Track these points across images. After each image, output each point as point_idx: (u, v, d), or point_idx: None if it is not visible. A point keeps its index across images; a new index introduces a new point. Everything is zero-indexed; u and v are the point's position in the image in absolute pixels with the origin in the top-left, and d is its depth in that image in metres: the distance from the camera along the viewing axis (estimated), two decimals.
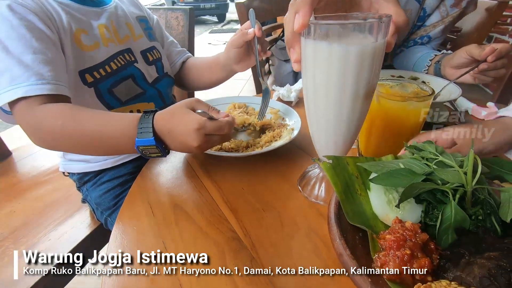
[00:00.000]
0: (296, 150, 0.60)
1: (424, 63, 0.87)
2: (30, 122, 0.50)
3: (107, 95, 0.63)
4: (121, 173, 0.69)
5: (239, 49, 0.65)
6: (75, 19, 0.60)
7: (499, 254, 0.26)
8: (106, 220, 0.68)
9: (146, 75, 0.70)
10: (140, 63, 0.70)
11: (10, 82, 0.49)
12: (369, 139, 0.54)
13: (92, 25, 0.63)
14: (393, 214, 0.33)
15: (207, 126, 0.46)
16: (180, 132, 0.46)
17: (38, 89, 0.49)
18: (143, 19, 0.77)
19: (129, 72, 0.66)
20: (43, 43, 0.52)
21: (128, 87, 0.66)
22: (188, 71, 0.84)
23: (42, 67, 0.50)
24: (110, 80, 0.63)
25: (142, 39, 0.73)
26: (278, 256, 0.38)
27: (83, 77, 0.60)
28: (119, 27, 0.68)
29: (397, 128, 0.50)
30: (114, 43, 0.65)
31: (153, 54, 0.74)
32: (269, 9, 1.41)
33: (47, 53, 0.51)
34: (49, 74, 0.50)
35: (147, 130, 0.46)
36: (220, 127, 0.47)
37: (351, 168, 0.38)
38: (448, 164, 0.33)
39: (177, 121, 0.46)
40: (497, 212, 0.31)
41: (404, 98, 0.47)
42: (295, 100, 0.81)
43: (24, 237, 0.72)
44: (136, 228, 0.44)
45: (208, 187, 0.52)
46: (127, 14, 0.72)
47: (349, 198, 0.35)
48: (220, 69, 0.75)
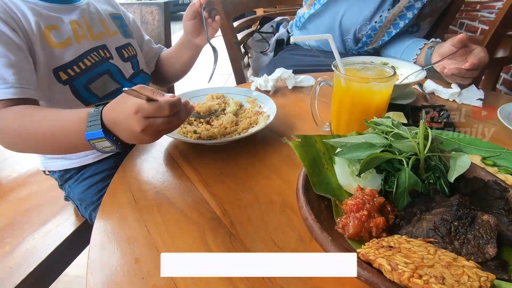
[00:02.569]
0: (272, 135, 0.63)
1: (414, 51, 0.91)
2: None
3: (84, 91, 0.63)
4: (103, 168, 0.69)
5: (193, 21, 0.72)
6: (43, 17, 0.59)
7: (444, 209, 0.30)
8: (90, 215, 0.69)
9: (123, 71, 0.71)
10: (115, 59, 0.70)
11: None
12: (339, 120, 0.57)
13: (63, 20, 0.62)
14: (356, 184, 0.36)
15: (145, 108, 0.42)
16: (123, 120, 0.44)
17: (0, 94, 0.49)
18: (117, 16, 0.77)
19: (104, 68, 0.67)
20: (6, 46, 0.51)
21: (105, 82, 0.66)
22: (161, 63, 0.87)
23: (5, 70, 0.50)
24: (86, 76, 0.63)
25: (117, 36, 0.73)
26: (255, 232, 0.41)
27: (57, 75, 0.59)
28: (93, 23, 0.68)
29: (363, 108, 0.53)
30: (88, 39, 0.65)
31: (128, 51, 0.74)
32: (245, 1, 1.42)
33: (10, 56, 0.51)
34: (12, 77, 0.50)
35: (96, 123, 0.44)
36: (159, 107, 0.42)
37: (319, 145, 0.40)
38: (403, 136, 0.37)
39: (119, 109, 0.44)
40: (446, 175, 0.35)
41: (368, 80, 0.50)
42: (272, 89, 0.83)
43: (9, 237, 0.72)
44: (119, 215, 0.46)
45: (189, 173, 0.53)
46: (100, 11, 0.71)
47: (316, 171, 0.38)
48: (184, 48, 0.80)
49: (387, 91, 0.51)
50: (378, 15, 0.96)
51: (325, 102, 0.69)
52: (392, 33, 0.98)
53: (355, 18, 0.99)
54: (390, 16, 0.95)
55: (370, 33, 1.00)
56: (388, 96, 0.52)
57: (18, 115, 0.49)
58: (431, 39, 0.89)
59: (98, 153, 0.68)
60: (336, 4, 1.00)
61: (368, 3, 0.96)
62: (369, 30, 0.99)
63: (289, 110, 0.73)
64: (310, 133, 0.64)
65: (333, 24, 1.03)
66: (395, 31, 0.98)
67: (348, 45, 1.07)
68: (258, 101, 0.71)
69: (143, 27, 1.01)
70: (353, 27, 1.01)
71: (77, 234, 0.74)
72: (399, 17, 0.96)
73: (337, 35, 1.04)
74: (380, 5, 0.95)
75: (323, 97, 0.62)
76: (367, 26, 0.99)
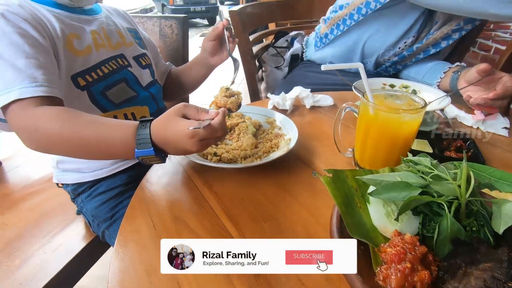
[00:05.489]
0: (294, 160, 0.61)
1: (437, 74, 0.89)
2: (25, 124, 0.49)
3: (101, 97, 0.64)
4: (116, 183, 0.68)
5: (212, 42, 0.75)
6: (67, 25, 0.61)
7: (493, 265, 0.28)
8: (103, 232, 0.68)
9: (139, 79, 0.72)
10: (133, 67, 0.71)
11: (4, 86, 0.49)
12: (363, 148, 0.55)
13: (84, 29, 0.64)
14: (392, 227, 0.34)
15: (200, 133, 0.46)
16: (176, 141, 0.47)
17: (32, 91, 0.49)
18: (132, 29, 0.79)
19: (122, 76, 0.68)
20: (35, 49, 0.52)
21: (121, 90, 0.67)
22: (171, 79, 0.89)
23: (35, 70, 0.50)
24: (103, 83, 0.64)
25: (133, 46, 0.74)
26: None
27: (75, 81, 0.60)
28: (111, 34, 0.69)
29: (391, 139, 0.51)
30: (106, 48, 0.67)
31: (145, 60, 0.76)
32: (261, 15, 1.42)
33: (39, 58, 0.52)
34: (42, 77, 0.51)
35: (146, 141, 0.47)
36: (213, 130, 0.47)
37: (350, 181, 0.39)
38: (442, 177, 0.35)
39: (171, 131, 0.47)
40: (490, 223, 0.33)
41: (398, 110, 0.48)
42: (290, 109, 0.82)
43: (18, 250, 0.71)
44: (137, 241, 0.44)
45: (208, 198, 0.52)
46: (117, 23, 0.74)
47: (350, 210, 0.36)
48: (198, 66, 0.83)
49: (417, 122, 0.50)
50: (403, 41, 0.95)
51: (345, 124, 0.67)
52: (419, 58, 0.96)
53: (379, 44, 0.98)
54: (423, 46, 0.94)
55: (396, 59, 0.99)
56: (417, 127, 0.51)
57: (59, 117, 0.48)
58: (456, 63, 0.87)
59: (112, 168, 0.68)
60: (360, 27, 0.99)
61: (394, 30, 0.95)
62: (392, 56, 0.98)
63: (308, 131, 0.72)
64: (331, 158, 0.63)
65: (354, 47, 1.02)
66: (423, 56, 0.96)
67: (367, 67, 1.06)
68: (277, 123, 0.70)
69: (161, 40, 1.01)
70: (376, 52, 0.99)
71: (88, 249, 0.73)
72: (432, 46, 0.94)
73: (357, 57, 1.03)
74: (406, 33, 0.94)
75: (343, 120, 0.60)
76: (390, 52, 0.98)
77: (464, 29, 0.91)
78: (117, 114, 0.66)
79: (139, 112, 0.70)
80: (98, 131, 0.49)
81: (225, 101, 0.57)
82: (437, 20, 0.92)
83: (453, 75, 0.85)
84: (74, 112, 0.50)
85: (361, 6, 0.96)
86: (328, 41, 1.11)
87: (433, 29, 0.93)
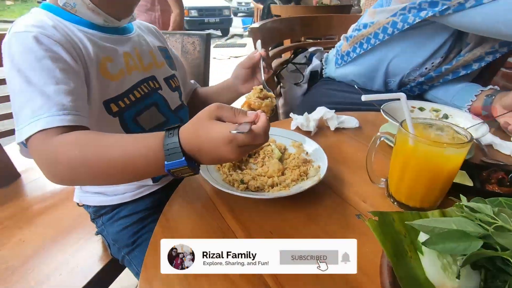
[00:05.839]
0: (323, 188, 0.58)
1: (468, 97, 0.86)
2: (45, 154, 0.46)
3: (132, 123, 0.62)
4: (139, 208, 0.67)
5: (246, 70, 0.74)
6: (101, 48, 0.59)
7: None
8: (123, 257, 0.66)
9: (169, 102, 0.70)
10: (164, 89, 0.70)
11: (32, 114, 0.46)
12: (400, 181, 0.52)
13: (117, 51, 0.62)
14: (450, 283, 0.31)
15: (239, 138, 0.40)
16: (210, 149, 0.41)
17: (58, 121, 0.46)
18: (163, 48, 0.77)
19: (153, 100, 0.66)
20: (66, 74, 0.50)
21: (152, 115, 0.65)
22: (196, 99, 0.87)
23: (63, 97, 0.48)
24: (135, 108, 0.62)
25: (164, 67, 0.73)
26: None
27: (108, 107, 0.58)
28: (143, 55, 0.68)
29: (432, 173, 0.48)
30: (138, 70, 0.65)
31: (174, 82, 0.74)
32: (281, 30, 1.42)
33: (69, 83, 0.50)
34: (70, 104, 0.48)
35: (176, 151, 0.41)
36: (255, 137, 0.40)
37: (398, 225, 0.36)
38: (506, 228, 0.31)
39: (204, 136, 0.41)
40: None
41: (442, 144, 0.45)
42: (314, 130, 0.79)
43: (34, 269, 0.69)
44: (164, 280, 0.42)
45: (235, 229, 0.49)
46: (149, 43, 0.72)
47: (400, 261, 0.33)
48: (227, 91, 0.81)
49: (462, 156, 0.46)
50: (430, 62, 0.92)
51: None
52: (448, 79, 0.93)
53: (405, 64, 0.95)
54: (453, 67, 0.91)
55: (422, 80, 0.96)
56: (461, 162, 0.47)
57: (78, 141, 0.45)
58: (489, 86, 0.84)
59: (136, 192, 0.66)
60: (385, 46, 0.97)
61: (421, 51, 0.92)
62: (418, 76, 0.95)
63: (334, 155, 0.69)
64: (362, 187, 0.60)
65: (378, 66, 1.00)
66: (451, 78, 0.93)
67: (390, 86, 1.03)
68: (304, 146, 0.67)
69: (183, 56, 1.01)
70: (401, 72, 0.97)
71: (104, 271, 0.71)
72: (463, 67, 0.91)
73: (380, 75, 1.01)
74: (434, 54, 0.91)
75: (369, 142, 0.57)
76: (416, 72, 0.95)
77: (499, 52, 0.87)
78: None
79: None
80: (123, 150, 0.44)
81: (259, 102, 0.53)
82: (469, 42, 0.89)
83: (486, 99, 0.81)
84: (93, 134, 0.47)
85: (387, 26, 0.94)
86: (350, 59, 1.09)
87: (464, 51, 0.90)
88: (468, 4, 0.75)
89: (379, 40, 0.97)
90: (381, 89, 1.06)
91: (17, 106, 0.48)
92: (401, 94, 0.48)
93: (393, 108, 0.75)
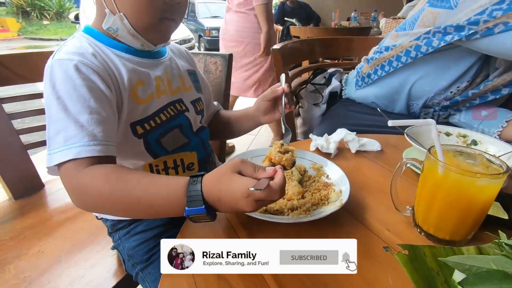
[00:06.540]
0: (344, 214, 0.56)
1: (498, 122, 0.83)
2: (76, 184, 0.49)
3: (155, 145, 0.63)
4: (155, 224, 0.67)
5: (268, 102, 0.74)
6: (135, 73, 0.60)
7: None
8: (137, 274, 0.65)
9: (193, 124, 0.71)
10: (191, 112, 0.71)
11: (64, 142, 0.49)
12: (428, 211, 0.49)
13: (150, 76, 0.63)
14: None
15: (257, 194, 0.43)
16: (229, 200, 0.44)
17: (89, 151, 0.49)
18: (192, 72, 0.79)
19: (178, 122, 0.67)
20: (100, 102, 0.52)
21: (175, 137, 0.66)
22: (217, 122, 0.88)
23: (95, 127, 0.50)
24: (159, 130, 0.63)
25: (191, 90, 0.74)
26: None
27: (134, 128, 0.60)
28: (173, 79, 0.69)
29: (464, 204, 0.45)
30: (167, 94, 0.66)
31: (200, 104, 0.76)
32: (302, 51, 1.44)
33: (102, 113, 0.52)
34: (101, 134, 0.51)
35: (197, 198, 0.44)
36: (270, 193, 0.43)
37: (430, 261, 0.33)
38: None
39: (225, 188, 0.44)
40: None
41: (475, 174, 0.43)
42: (334, 152, 0.78)
43: (50, 281, 0.70)
44: None
45: None
46: (179, 66, 0.74)
47: None
48: (247, 120, 0.82)
49: (497, 187, 0.44)
50: (455, 86, 0.90)
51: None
52: (475, 103, 0.90)
53: (429, 87, 0.93)
54: (481, 92, 0.88)
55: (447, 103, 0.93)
56: (496, 193, 0.44)
57: (108, 178, 0.47)
58: None
59: None
60: (408, 69, 0.95)
61: (446, 74, 0.90)
62: (443, 100, 0.93)
63: (355, 179, 0.66)
64: (386, 215, 0.57)
65: (400, 89, 0.98)
66: (479, 102, 0.90)
67: (413, 109, 1.01)
68: (324, 169, 0.66)
69: (205, 75, 1.04)
70: (425, 95, 0.95)
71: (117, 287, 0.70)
72: (491, 92, 0.88)
73: (403, 98, 0.99)
74: (459, 78, 0.89)
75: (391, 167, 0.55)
76: (440, 96, 0.92)
77: None
78: (167, 159, 0.66)
79: (188, 158, 0.69)
80: (148, 192, 0.47)
81: (279, 157, 0.54)
82: (498, 67, 0.87)
83: None
84: (121, 172, 0.49)
85: (410, 49, 0.93)
86: (370, 81, 1.08)
87: (492, 76, 0.87)
88: (497, 29, 0.73)
89: (401, 63, 0.96)
90: (403, 111, 1.04)
91: (52, 131, 0.50)
92: (430, 121, 0.47)
93: (417, 132, 0.73)
